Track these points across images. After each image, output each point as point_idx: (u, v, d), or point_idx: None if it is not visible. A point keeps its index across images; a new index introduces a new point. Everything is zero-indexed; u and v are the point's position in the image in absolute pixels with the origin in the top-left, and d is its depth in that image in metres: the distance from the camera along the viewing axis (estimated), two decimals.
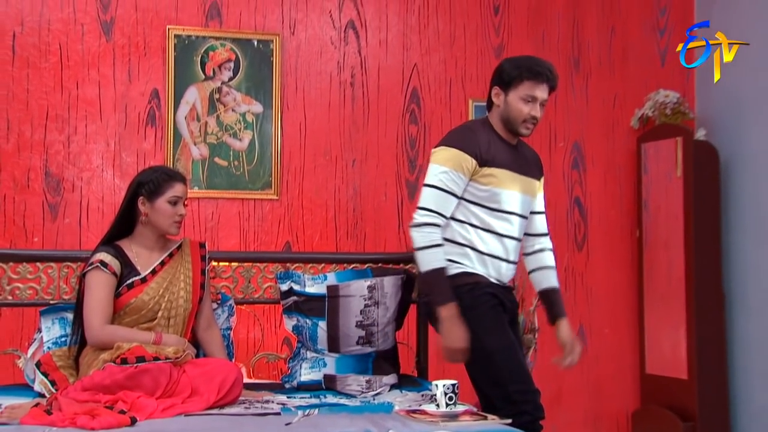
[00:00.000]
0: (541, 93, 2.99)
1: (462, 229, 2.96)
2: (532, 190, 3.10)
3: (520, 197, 3.02)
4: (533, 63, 3.04)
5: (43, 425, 2.44)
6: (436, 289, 2.91)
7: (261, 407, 2.79)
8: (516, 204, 3.01)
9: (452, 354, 2.93)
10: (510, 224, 3.00)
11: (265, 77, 4.44)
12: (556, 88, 3.05)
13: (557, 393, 4.71)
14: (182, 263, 3.15)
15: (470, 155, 2.93)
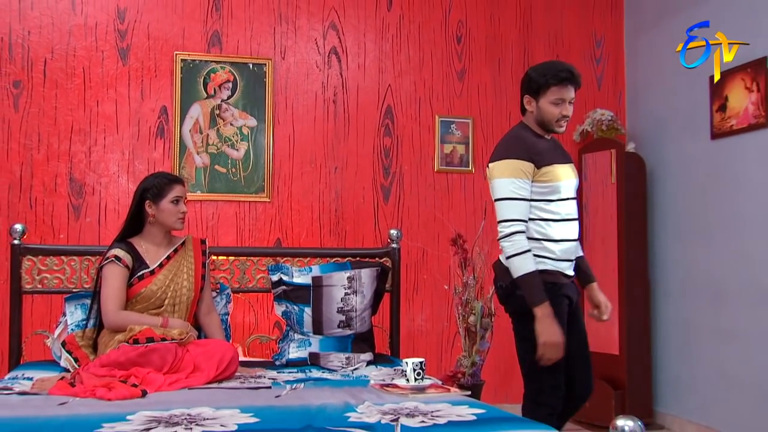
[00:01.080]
0: (567, 94, 2.87)
1: (536, 225, 2.82)
2: (575, 173, 2.98)
3: (573, 182, 2.93)
4: (557, 69, 2.91)
5: (67, 395, 2.46)
6: (532, 290, 2.74)
7: (254, 382, 2.80)
8: (571, 189, 2.91)
9: (550, 348, 2.74)
10: (572, 208, 2.90)
11: (259, 96, 4.46)
12: (580, 83, 2.89)
13: (511, 367, 4.75)
14: (185, 257, 3.16)
15: (527, 161, 2.81)
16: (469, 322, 3.72)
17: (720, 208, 4.22)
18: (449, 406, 2.35)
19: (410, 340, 4.55)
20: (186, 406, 2.27)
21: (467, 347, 3.74)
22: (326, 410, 2.27)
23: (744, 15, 4.04)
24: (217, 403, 2.32)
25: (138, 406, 2.29)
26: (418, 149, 4.73)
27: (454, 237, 3.85)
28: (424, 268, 4.68)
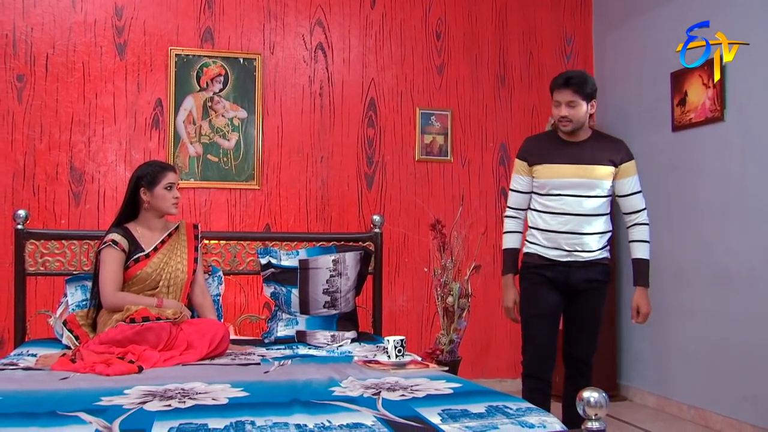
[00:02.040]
0: (561, 96, 2.95)
1: (530, 215, 3.11)
2: (589, 174, 2.98)
3: (572, 181, 2.97)
4: (557, 75, 3.02)
5: (69, 371, 2.47)
6: (503, 263, 3.15)
7: (244, 358, 2.80)
8: (568, 187, 2.97)
9: (505, 310, 3.17)
10: (565, 203, 2.97)
11: (249, 89, 4.45)
12: (577, 85, 2.93)
13: (486, 345, 4.81)
14: (179, 241, 3.16)
15: (522, 160, 3.11)
16: (447, 302, 3.74)
17: (680, 195, 4.26)
18: (428, 381, 2.37)
19: (392, 319, 4.57)
20: (180, 381, 2.28)
21: (445, 326, 3.76)
22: (312, 385, 2.29)
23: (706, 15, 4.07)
24: (209, 378, 2.33)
25: (135, 381, 2.30)
26: (400, 139, 4.74)
27: (434, 222, 3.86)
28: (405, 251, 4.70)
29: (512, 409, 2.00)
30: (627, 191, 3.04)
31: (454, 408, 2.00)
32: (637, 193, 3.06)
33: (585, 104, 2.96)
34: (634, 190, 3.05)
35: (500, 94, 4.92)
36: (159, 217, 3.12)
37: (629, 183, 3.04)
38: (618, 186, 3.05)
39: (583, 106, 2.96)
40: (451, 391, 2.22)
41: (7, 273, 4.00)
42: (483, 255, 4.57)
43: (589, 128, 3.06)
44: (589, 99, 2.97)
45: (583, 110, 2.96)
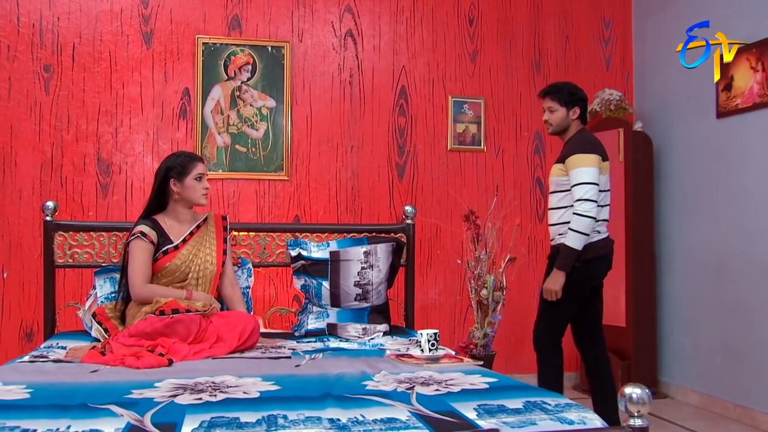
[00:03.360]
0: (544, 104, 3.50)
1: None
2: (552, 173, 3.48)
3: (552, 179, 3.48)
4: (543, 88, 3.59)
5: (98, 363, 2.50)
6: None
7: (275, 352, 2.81)
8: (551, 185, 3.49)
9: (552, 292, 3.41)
10: (552, 200, 3.50)
11: (277, 77, 4.46)
12: (554, 93, 3.45)
13: (521, 339, 4.78)
14: (208, 233, 3.18)
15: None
16: (481, 295, 3.73)
17: (724, 185, 4.19)
18: (462, 375, 2.36)
19: (424, 312, 4.56)
20: (210, 375, 2.29)
21: (479, 319, 3.75)
22: (344, 379, 2.28)
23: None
24: (240, 372, 2.34)
25: (165, 374, 2.32)
26: (432, 128, 4.72)
27: (467, 213, 3.84)
28: (437, 243, 4.68)
29: (551, 405, 1.98)
30: (570, 184, 3.38)
31: (490, 403, 1.98)
32: (576, 185, 3.33)
33: (564, 109, 3.45)
34: (574, 182, 3.35)
35: (535, 81, 4.87)
36: (188, 208, 3.15)
37: (571, 176, 3.36)
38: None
39: (562, 111, 3.45)
40: (487, 386, 2.20)
41: (36, 265, 4.08)
42: (518, 247, 4.54)
43: (576, 131, 3.47)
44: (569, 105, 3.45)
45: (561, 115, 3.45)
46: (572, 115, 3.46)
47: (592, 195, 3.28)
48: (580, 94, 3.50)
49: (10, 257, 4.15)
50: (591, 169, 3.31)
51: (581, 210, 3.29)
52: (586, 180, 3.31)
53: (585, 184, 3.30)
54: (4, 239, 4.14)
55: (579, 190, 3.30)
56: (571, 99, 3.45)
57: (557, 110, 3.45)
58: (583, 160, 3.33)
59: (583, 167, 3.32)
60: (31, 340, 4.13)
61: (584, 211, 3.28)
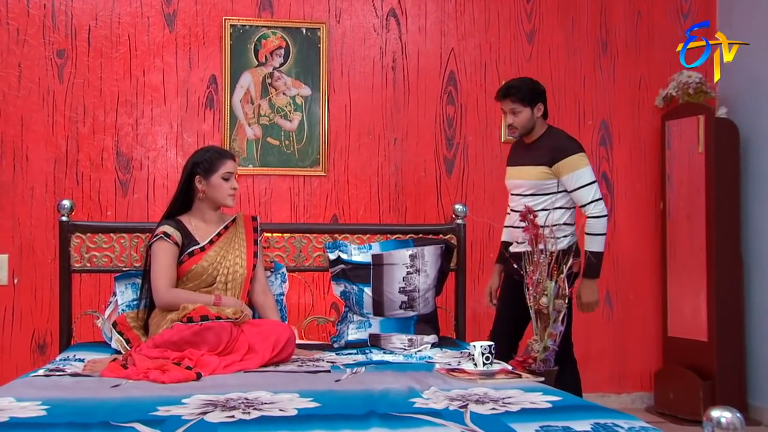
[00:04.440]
0: (505, 106, 3.63)
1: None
2: (522, 175, 3.64)
3: (514, 182, 3.68)
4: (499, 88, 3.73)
5: (120, 378, 2.54)
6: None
7: (313, 365, 2.84)
8: (514, 187, 3.69)
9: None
10: (512, 202, 3.70)
11: (313, 63, 4.48)
12: (514, 94, 3.57)
13: (585, 354, 4.72)
14: (237, 234, 3.23)
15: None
16: (540, 303, 3.69)
17: None
18: (522, 393, 2.35)
19: (476, 322, 4.53)
20: (242, 390, 2.32)
21: (539, 331, 3.71)
22: (390, 395, 2.30)
23: None
24: (275, 387, 2.37)
25: (193, 389, 2.35)
26: (484, 118, 4.70)
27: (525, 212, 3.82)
28: (491, 245, 4.66)
29: (624, 428, 1.96)
30: (570, 188, 3.55)
31: (554, 425, 1.98)
32: (580, 188, 3.52)
33: (528, 109, 3.58)
34: (575, 186, 3.53)
35: (601, 64, 4.81)
36: (214, 209, 3.20)
37: (568, 180, 3.53)
38: (563, 184, 3.56)
39: (526, 111, 3.58)
40: (550, 405, 2.20)
41: (50, 270, 4.16)
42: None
43: (544, 128, 3.65)
44: (532, 103, 3.59)
45: (526, 116, 3.59)
46: (536, 113, 3.63)
47: (599, 193, 3.55)
48: (540, 88, 3.69)
49: (21, 261, 4.23)
50: (588, 168, 3.57)
51: (597, 212, 3.53)
52: (589, 180, 3.54)
53: (590, 185, 3.53)
54: (15, 242, 4.23)
55: (585, 193, 3.52)
56: (533, 96, 3.61)
57: (521, 111, 3.59)
58: (578, 162, 3.54)
59: (581, 168, 3.54)
60: (43, 352, 4.21)
61: (600, 212, 3.54)
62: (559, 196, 3.56)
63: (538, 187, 3.58)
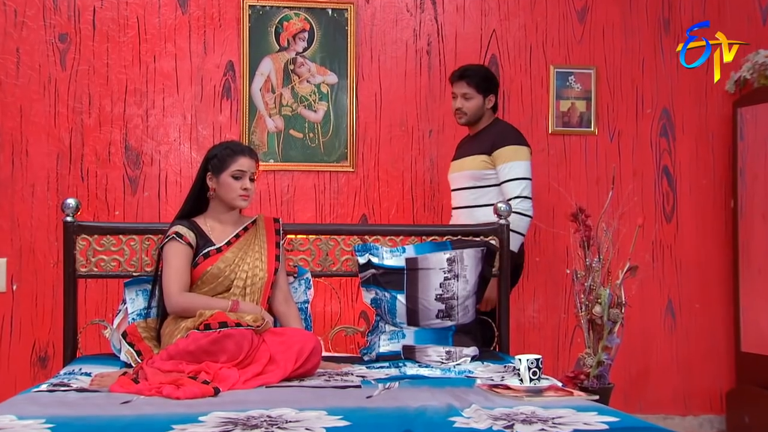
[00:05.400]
0: (457, 89, 3.90)
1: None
2: (463, 166, 3.90)
3: (453, 176, 3.97)
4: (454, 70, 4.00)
5: (130, 393, 2.56)
6: None
7: (341, 379, 2.85)
8: (454, 181, 3.97)
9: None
10: (453, 199, 3.98)
11: (339, 47, 4.51)
12: (472, 77, 3.86)
13: (645, 370, 4.71)
14: (257, 236, 3.26)
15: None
16: (593, 313, 3.69)
17: None
18: (574, 413, 2.35)
19: (520, 333, 4.55)
20: (265, 407, 2.34)
21: (591, 343, 3.71)
22: (426, 413, 2.30)
23: None
24: (300, 404, 2.39)
25: (210, 405, 2.37)
26: (529, 107, 4.70)
27: (575, 211, 3.81)
28: (536, 248, 4.66)
29: None
30: (501, 179, 3.79)
31: None
32: (510, 181, 3.76)
33: (480, 97, 3.88)
34: (505, 178, 3.78)
35: (662, 45, 4.76)
36: (228, 209, 3.23)
37: (501, 170, 3.79)
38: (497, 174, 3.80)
39: (478, 99, 3.88)
40: (606, 427, 2.18)
41: (51, 275, 4.23)
42: (640, 253, 4.48)
43: (491, 120, 3.95)
44: (485, 92, 3.88)
45: (477, 103, 3.88)
46: (487, 104, 3.92)
47: (529, 192, 3.76)
48: (496, 81, 4.00)
49: (21, 266, 4.29)
50: (525, 163, 3.79)
51: (522, 209, 3.73)
52: (523, 175, 3.76)
53: (522, 180, 3.74)
54: (14, 244, 4.29)
55: (515, 186, 3.74)
56: (488, 85, 3.90)
57: (474, 98, 3.87)
58: (517, 153, 3.77)
59: (519, 161, 3.76)
60: (45, 365, 4.27)
61: (525, 210, 3.74)
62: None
63: (477, 179, 3.83)
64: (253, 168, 3.21)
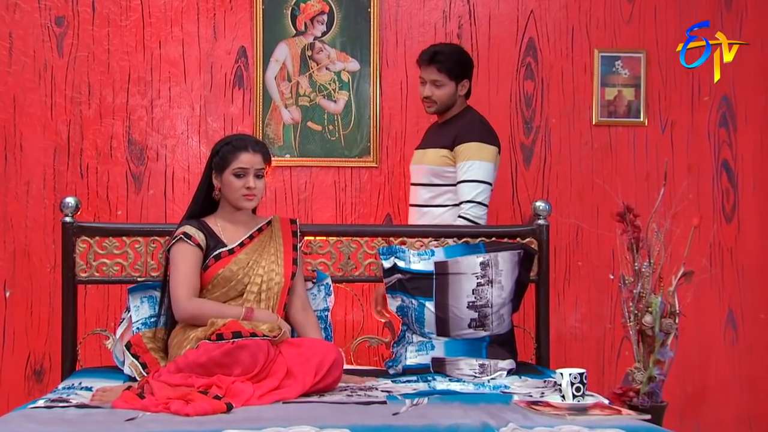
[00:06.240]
0: (426, 74, 3.80)
1: None
2: (423, 159, 3.87)
3: (413, 168, 3.96)
4: (424, 49, 3.88)
5: (135, 409, 2.59)
6: None
7: (364, 395, 2.87)
8: (414, 175, 3.94)
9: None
10: (411, 195, 3.97)
11: (362, 31, 4.51)
12: (443, 62, 3.75)
13: (702, 387, 4.67)
14: (272, 238, 3.30)
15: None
16: (643, 323, 3.68)
17: None
18: None
19: (561, 344, 4.54)
20: (282, 424, 2.36)
21: (642, 357, 3.70)
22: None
23: None
24: (320, 421, 2.40)
25: (223, 423, 2.40)
26: (571, 96, 4.68)
27: (622, 211, 3.80)
28: (578, 251, 4.65)
29: None
30: (457, 179, 3.72)
31: None
32: (466, 182, 3.68)
33: (453, 84, 3.79)
34: (462, 178, 3.70)
35: (723, 23, 4.70)
36: (237, 209, 3.25)
37: (460, 169, 3.71)
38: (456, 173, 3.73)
39: (450, 86, 3.79)
40: None
41: (48, 281, 4.26)
42: (695, 257, 4.45)
43: (462, 108, 3.88)
44: (458, 78, 3.79)
45: (448, 91, 3.79)
46: (460, 91, 3.84)
47: (485, 198, 3.69)
48: (471, 63, 3.90)
49: (15, 271, 4.32)
50: (488, 164, 3.71)
51: (472, 215, 3.66)
52: (480, 177, 3.68)
53: (478, 183, 3.67)
54: (7, 247, 4.32)
55: (470, 188, 3.67)
56: (461, 70, 3.81)
57: (445, 85, 3.78)
58: (480, 152, 3.70)
59: (479, 161, 3.68)
60: (40, 379, 4.30)
61: (476, 216, 3.67)
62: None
63: (435, 175, 3.79)
64: (257, 164, 3.22)
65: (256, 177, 3.21)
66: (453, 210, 3.76)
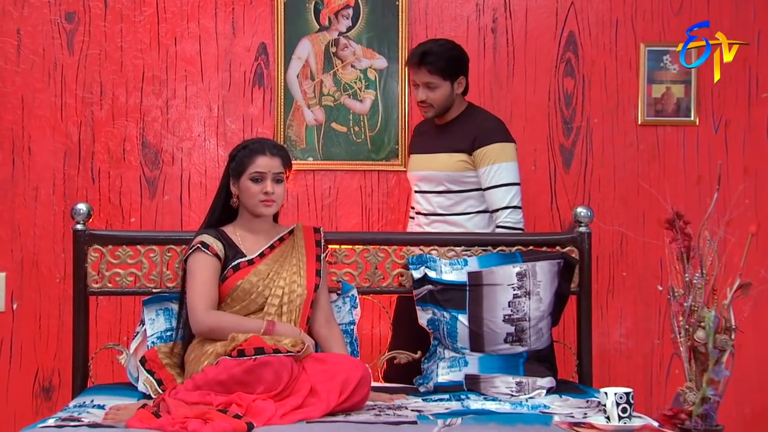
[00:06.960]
0: (418, 77, 3.76)
1: None
2: (437, 165, 3.81)
3: (422, 174, 3.88)
4: (413, 49, 3.88)
5: (151, 429, 2.61)
6: None
7: (393, 414, 2.87)
8: (417, 180, 3.90)
9: None
10: (417, 203, 3.93)
11: (389, 26, 4.52)
12: (434, 63, 3.69)
13: (763, 410, 4.63)
14: (295, 248, 3.32)
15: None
16: (695, 339, 3.66)
17: None
18: None
19: (604, 361, 4.52)
20: None
21: (693, 376, 3.69)
22: None
23: None
24: None
25: None
26: (614, 93, 4.68)
27: (671, 217, 3.81)
28: (623, 261, 4.64)
29: None
30: (484, 184, 3.73)
31: None
32: (496, 187, 3.70)
33: (448, 84, 3.75)
34: (491, 184, 3.71)
35: None
36: (256, 217, 3.29)
37: (486, 174, 3.72)
38: (479, 178, 3.73)
39: (445, 86, 3.75)
40: None
41: (57, 292, 4.30)
42: (753, 267, 4.42)
43: (464, 106, 3.86)
44: (453, 77, 3.75)
45: (444, 92, 3.75)
46: (457, 89, 3.80)
47: (519, 200, 3.72)
48: (464, 57, 3.85)
49: (22, 281, 4.36)
50: (513, 164, 3.74)
51: (513, 221, 3.69)
52: (509, 180, 3.70)
53: (509, 186, 3.70)
54: (15, 256, 4.36)
55: (503, 194, 3.70)
56: (456, 68, 3.77)
57: (439, 86, 3.74)
58: (503, 153, 3.71)
59: (505, 162, 3.71)
60: (49, 397, 4.34)
61: (516, 222, 3.70)
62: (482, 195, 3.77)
63: (454, 182, 3.78)
64: (276, 168, 3.25)
65: (275, 182, 3.24)
66: (480, 216, 3.79)
